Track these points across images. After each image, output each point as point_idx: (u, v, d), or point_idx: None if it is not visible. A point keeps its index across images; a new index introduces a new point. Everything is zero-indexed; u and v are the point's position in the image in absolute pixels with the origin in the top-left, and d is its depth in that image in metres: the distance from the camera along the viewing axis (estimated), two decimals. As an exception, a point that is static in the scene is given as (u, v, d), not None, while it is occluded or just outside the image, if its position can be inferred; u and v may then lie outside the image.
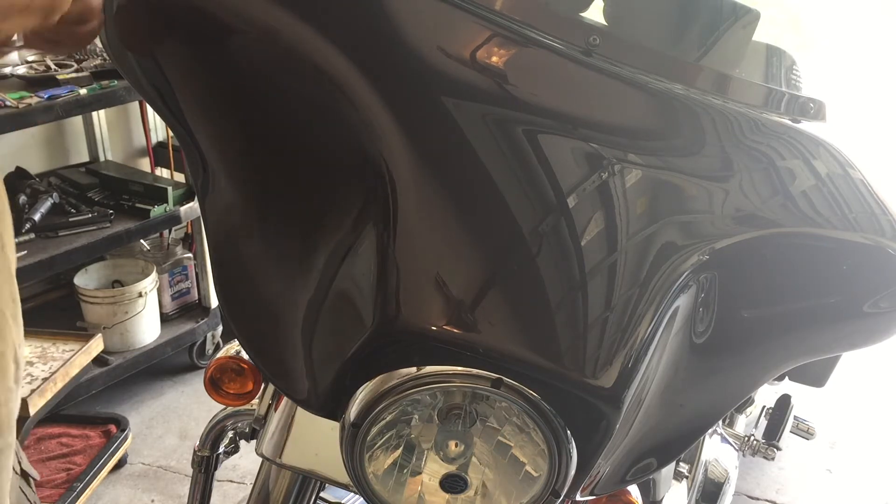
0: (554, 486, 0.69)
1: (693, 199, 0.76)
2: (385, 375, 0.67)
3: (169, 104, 0.87)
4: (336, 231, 0.76)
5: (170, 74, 0.84)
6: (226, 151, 0.84)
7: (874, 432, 2.63)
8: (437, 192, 0.71)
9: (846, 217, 0.79)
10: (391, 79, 0.74)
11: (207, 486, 1.21)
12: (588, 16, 1.04)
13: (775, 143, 0.81)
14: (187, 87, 0.85)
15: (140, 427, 2.43)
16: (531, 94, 0.75)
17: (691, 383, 0.80)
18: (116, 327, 2.40)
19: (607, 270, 0.70)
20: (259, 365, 0.82)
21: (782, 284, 0.79)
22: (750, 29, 1.00)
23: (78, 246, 2.17)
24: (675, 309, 0.72)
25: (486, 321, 0.66)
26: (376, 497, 0.73)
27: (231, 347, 1.06)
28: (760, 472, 2.40)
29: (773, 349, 0.83)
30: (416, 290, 0.67)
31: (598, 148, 0.73)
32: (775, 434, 1.40)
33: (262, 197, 0.83)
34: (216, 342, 2.75)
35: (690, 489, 1.18)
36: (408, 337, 0.66)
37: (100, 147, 2.67)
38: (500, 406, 0.69)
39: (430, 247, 0.69)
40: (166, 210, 2.39)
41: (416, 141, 0.72)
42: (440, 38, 0.75)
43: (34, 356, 2.02)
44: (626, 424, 0.71)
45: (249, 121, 0.82)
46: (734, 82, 0.83)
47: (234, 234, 0.83)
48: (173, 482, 2.24)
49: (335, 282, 0.74)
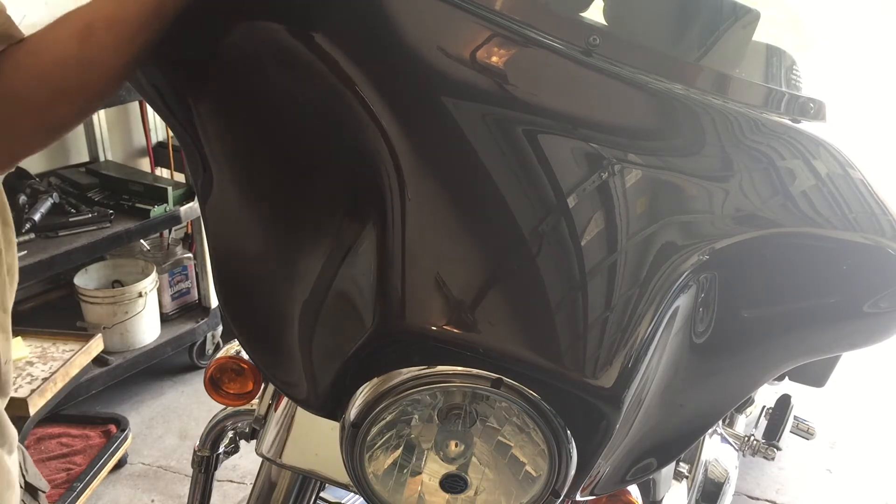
0: (554, 486, 0.69)
1: (693, 199, 0.76)
2: (385, 375, 0.67)
3: (169, 104, 0.87)
4: (336, 231, 0.76)
5: (170, 74, 0.84)
6: (226, 151, 0.84)
7: (874, 432, 2.63)
8: (437, 193, 0.71)
9: (846, 217, 0.79)
10: (391, 79, 0.74)
11: (207, 486, 1.21)
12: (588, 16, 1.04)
13: (775, 143, 0.81)
14: (187, 86, 0.85)
15: (140, 427, 2.43)
16: (531, 94, 0.75)
17: (691, 383, 0.80)
18: (116, 327, 2.40)
19: (607, 270, 0.70)
20: (259, 365, 0.82)
21: (782, 284, 0.79)
22: (750, 29, 1.00)
23: (78, 246, 2.17)
24: (675, 309, 0.72)
25: (486, 321, 0.66)
26: (376, 497, 0.73)
27: (231, 347, 1.06)
28: (760, 472, 2.40)
29: (773, 349, 0.83)
30: (416, 290, 0.67)
31: (598, 148, 0.73)
32: (775, 434, 1.40)
33: (262, 197, 0.83)
34: (216, 342, 2.75)
35: (690, 489, 1.18)
36: (408, 337, 0.66)
37: (100, 147, 2.67)
38: (500, 406, 0.69)
39: (430, 247, 0.69)
40: (166, 210, 2.39)
41: (416, 141, 0.72)
42: (440, 38, 0.75)
43: (34, 356, 2.02)
44: (626, 424, 0.71)
45: (249, 121, 0.82)
46: (734, 82, 0.83)
47: (234, 234, 0.83)
48: (173, 482, 2.24)
49: (335, 282, 0.74)
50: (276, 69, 0.78)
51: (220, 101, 0.83)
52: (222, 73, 0.82)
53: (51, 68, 0.76)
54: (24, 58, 0.76)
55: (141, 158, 2.86)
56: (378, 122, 0.72)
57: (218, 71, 0.82)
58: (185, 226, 2.73)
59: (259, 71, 0.79)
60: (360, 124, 0.73)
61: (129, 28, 0.75)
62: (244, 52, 0.79)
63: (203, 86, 0.84)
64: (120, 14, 0.75)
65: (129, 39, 0.76)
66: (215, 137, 0.84)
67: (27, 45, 0.76)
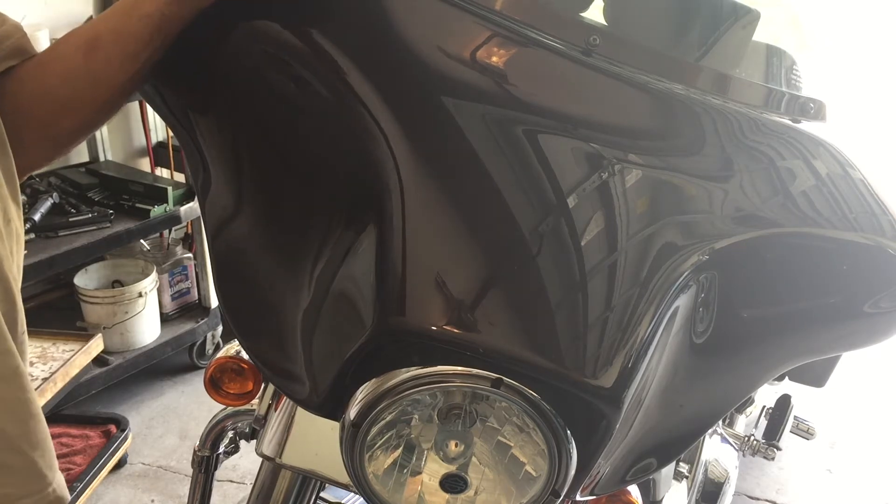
0: (554, 486, 0.69)
1: (693, 200, 0.76)
2: (385, 375, 0.67)
3: (170, 105, 0.87)
4: (336, 231, 0.76)
5: (170, 75, 0.84)
6: (226, 152, 0.84)
7: (874, 432, 2.63)
8: (437, 192, 0.71)
9: (846, 217, 0.79)
10: (391, 79, 0.74)
11: (207, 486, 1.21)
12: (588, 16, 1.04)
13: (775, 143, 0.81)
14: (188, 87, 0.85)
15: (140, 427, 2.43)
16: (531, 94, 0.75)
17: (691, 383, 0.80)
18: (116, 327, 2.40)
19: (607, 270, 0.70)
20: (259, 365, 0.82)
21: (782, 284, 0.79)
22: (750, 29, 1.00)
23: (78, 246, 2.17)
24: (675, 309, 0.72)
25: (486, 321, 0.66)
26: (376, 497, 0.73)
27: (231, 347, 1.06)
28: (760, 472, 2.40)
29: (773, 349, 0.83)
30: (416, 289, 0.67)
31: (598, 148, 0.73)
32: (775, 434, 1.40)
33: (262, 197, 0.83)
34: (216, 342, 2.75)
35: (690, 489, 1.18)
36: (408, 337, 0.66)
37: (100, 147, 2.67)
38: (500, 406, 0.69)
39: (429, 246, 0.69)
40: (166, 210, 2.39)
41: (416, 141, 0.72)
42: (440, 38, 0.75)
43: (34, 356, 2.02)
44: (626, 424, 0.71)
45: (250, 121, 0.82)
46: (734, 82, 0.83)
47: (234, 234, 0.83)
48: (173, 482, 2.24)
49: (335, 282, 0.74)
50: (276, 70, 0.78)
51: (219, 103, 0.83)
52: (222, 74, 0.82)
53: (57, 82, 0.76)
54: (31, 71, 0.76)
55: (141, 158, 2.86)
56: (378, 122, 0.72)
57: (218, 72, 0.82)
58: (185, 226, 2.73)
59: (259, 73, 0.79)
60: (359, 125, 0.73)
61: (135, 42, 0.76)
62: (244, 54, 0.79)
63: (203, 87, 0.84)
64: (125, 28, 0.76)
65: (133, 54, 0.76)
66: (215, 138, 0.84)
67: (34, 60, 0.77)
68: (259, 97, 0.81)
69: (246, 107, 0.82)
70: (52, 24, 2.36)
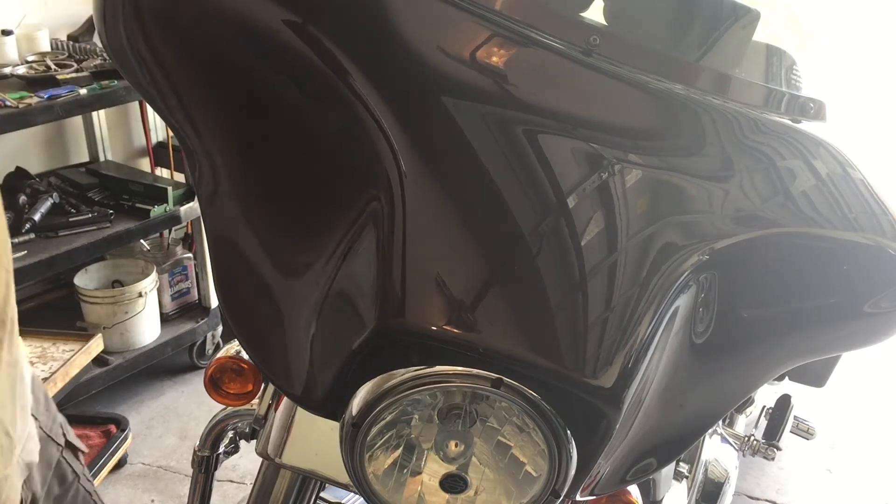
0: (554, 486, 0.69)
1: (693, 199, 0.76)
2: (385, 375, 0.67)
3: (169, 104, 0.87)
4: (336, 231, 0.76)
5: (170, 75, 0.84)
6: (226, 151, 0.84)
7: (874, 432, 2.63)
8: (437, 192, 0.71)
9: (846, 217, 0.79)
10: (391, 79, 0.74)
11: (207, 486, 1.21)
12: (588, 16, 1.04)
13: (775, 143, 0.81)
14: (188, 87, 0.85)
15: (140, 427, 2.43)
16: (531, 94, 0.75)
17: (691, 383, 0.80)
18: (116, 327, 2.40)
19: (607, 270, 0.70)
20: (259, 365, 0.82)
21: (782, 284, 0.79)
22: (750, 29, 1.00)
23: (78, 246, 2.17)
24: (675, 309, 0.72)
25: (487, 321, 0.66)
26: (376, 497, 0.73)
27: (231, 347, 1.06)
28: (760, 472, 2.40)
29: (773, 349, 0.83)
30: (416, 289, 0.67)
31: (598, 148, 0.73)
32: (775, 434, 1.40)
33: (262, 197, 0.83)
34: (216, 342, 2.75)
35: (690, 489, 1.18)
36: (408, 337, 0.66)
37: (100, 147, 2.67)
38: (500, 406, 0.69)
39: (430, 246, 0.69)
40: (166, 210, 2.39)
41: (416, 141, 0.72)
42: (440, 38, 0.75)
43: (34, 356, 2.02)
44: (626, 424, 0.71)
45: (250, 120, 0.82)
46: (734, 82, 0.83)
47: (233, 234, 0.83)
48: (173, 482, 2.24)
49: (335, 281, 0.74)
50: (276, 70, 0.78)
51: (219, 102, 0.83)
52: (222, 73, 0.82)
53: None
54: None
55: (141, 158, 2.86)
56: (378, 122, 0.72)
57: (217, 71, 0.82)
58: (185, 226, 2.72)
59: (259, 72, 0.79)
60: (360, 125, 0.73)
61: None
62: (244, 52, 0.79)
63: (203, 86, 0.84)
64: None
65: None
66: (214, 138, 0.84)
67: None
68: (259, 97, 0.81)
69: (245, 107, 0.82)
70: (51, 24, 2.36)
